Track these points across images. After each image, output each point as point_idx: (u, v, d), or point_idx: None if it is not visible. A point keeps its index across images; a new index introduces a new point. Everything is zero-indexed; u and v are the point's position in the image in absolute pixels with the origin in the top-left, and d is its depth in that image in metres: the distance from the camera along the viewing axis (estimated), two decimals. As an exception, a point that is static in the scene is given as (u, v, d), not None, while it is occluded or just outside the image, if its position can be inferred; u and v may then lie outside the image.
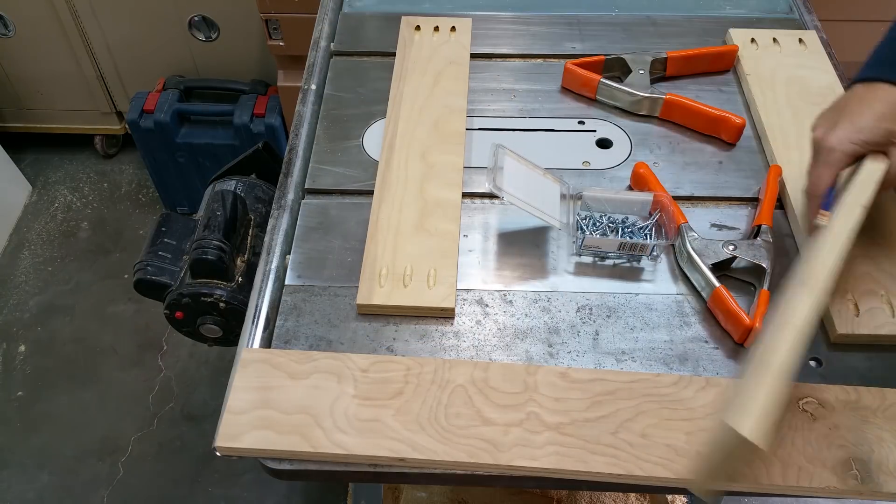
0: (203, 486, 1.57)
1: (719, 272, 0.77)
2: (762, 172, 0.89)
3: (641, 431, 0.65)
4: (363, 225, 0.82)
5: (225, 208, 0.88)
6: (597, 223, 0.81)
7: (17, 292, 1.91)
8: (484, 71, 1.03)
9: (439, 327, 0.75)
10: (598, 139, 0.94)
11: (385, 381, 0.68)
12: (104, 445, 1.63)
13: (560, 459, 0.63)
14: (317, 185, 0.88)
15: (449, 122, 0.92)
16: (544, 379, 0.68)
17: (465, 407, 0.66)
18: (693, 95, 0.98)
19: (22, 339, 1.82)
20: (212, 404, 1.70)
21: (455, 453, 0.63)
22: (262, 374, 0.68)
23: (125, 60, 1.93)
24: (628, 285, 0.78)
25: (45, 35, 1.87)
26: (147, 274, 0.89)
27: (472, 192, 0.87)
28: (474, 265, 0.80)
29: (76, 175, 2.19)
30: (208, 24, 1.81)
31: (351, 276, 0.78)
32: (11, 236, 2.03)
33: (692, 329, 0.74)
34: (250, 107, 1.79)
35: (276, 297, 0.77)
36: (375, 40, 1.06)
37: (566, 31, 1.08)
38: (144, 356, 1.78)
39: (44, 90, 2.02)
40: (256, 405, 0.66)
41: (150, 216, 2.08)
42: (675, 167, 0.90)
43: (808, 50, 1.02)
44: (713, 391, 0.68)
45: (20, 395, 1.71)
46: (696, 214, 0.85)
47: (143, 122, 1.79)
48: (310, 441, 0.64)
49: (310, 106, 0.95)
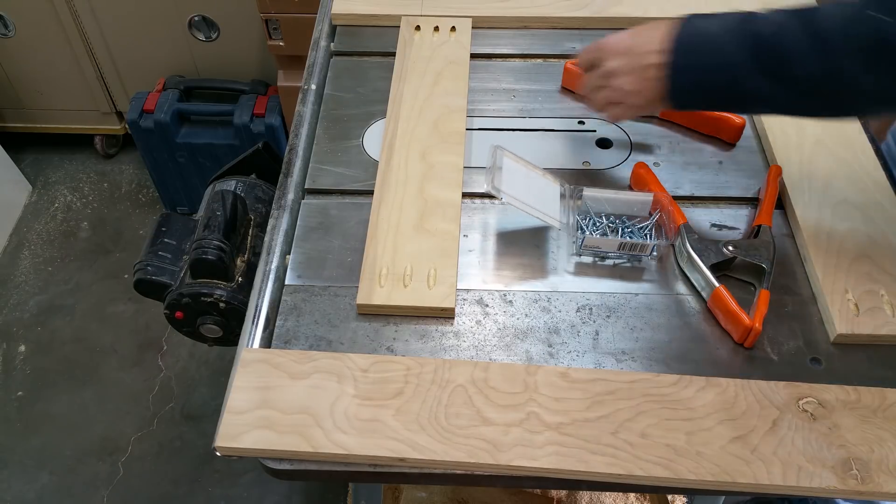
0: (203, 486, 1.57)
1: (719, 272, 0.77)
2: (762, 172, 0.89)
3: (641, 431, 0.65)
4: (363, 225, 0.82)
5: (225, 208, 0.88)
6: (597, 223, 0.81)
7: (17, 292, 1.91)
8: (484, 71, 1.03)
9: (439, 327, 0.75)
10: (598, 139, 0.94)
11: (385, 381, 0.68)
12: (104, 445, 1.63)
13: (560, 459, 0.63)
14: (317, 185, 0.88)
15: (449, 122, 0.92)
16: (544, 379, 0.68)
17: (465, 407, 0.66)
18: (693, 95, 0.98)
19: (22, 339, 1.82)
20: (212, 404, 1.70)
21: (455, 453, 0.63)
22: (262, 374, 0.68)
23: (125, 60, 1.93)
24: (628, 285, 0.78)
25: (45, 35, 1.86)
26: (147, 274, 0.89)
27: (471, 192, 0.87)
28: (474, 265, 0.80)
29: (76, 175, 2.19)
30: (208, 24, 1.81)
31: (351, 276, 0.78)
32: (11, 236, 2.03)
33: (692, 329, 0.74)
34: (250, 107, 1.79)
35: (276, 297, 0.77)
36: (375, 40, 1.06)
37: (566, 31, 1.08)
38: (144, 356, 1.78)
39: (44, 90, 2.02)
40: (256, 405, 0.66)
41: (150, 216, 2.08)
42: (675, 167, 0.90)
43: (808, 50, 1.01)
44: (713, 391, 0.68)
45: (20, 395, 1.71)
46: (696, 214, 0.85)
47: (143, 122, 1.79)
48: (310, 441, 0.64)
49: (310, 106, 0.95)
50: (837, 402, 0.67)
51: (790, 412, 0.66)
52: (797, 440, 0.65)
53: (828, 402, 0.67)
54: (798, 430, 0.65)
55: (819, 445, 0.64)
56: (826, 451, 0.64)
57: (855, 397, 0.67)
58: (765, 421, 0.66)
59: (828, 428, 0.65)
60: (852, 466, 0.63)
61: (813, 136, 0.90)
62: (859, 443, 0.64)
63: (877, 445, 0.64)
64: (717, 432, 0.65)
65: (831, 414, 0.66)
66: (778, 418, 0.66)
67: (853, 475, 0.63)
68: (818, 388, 0.68)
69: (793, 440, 0.64)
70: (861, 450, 0.64)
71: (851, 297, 0.74)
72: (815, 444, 0.64)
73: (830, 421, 0.66)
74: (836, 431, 0.65)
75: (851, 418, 0.66)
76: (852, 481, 0.62)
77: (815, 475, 0.62)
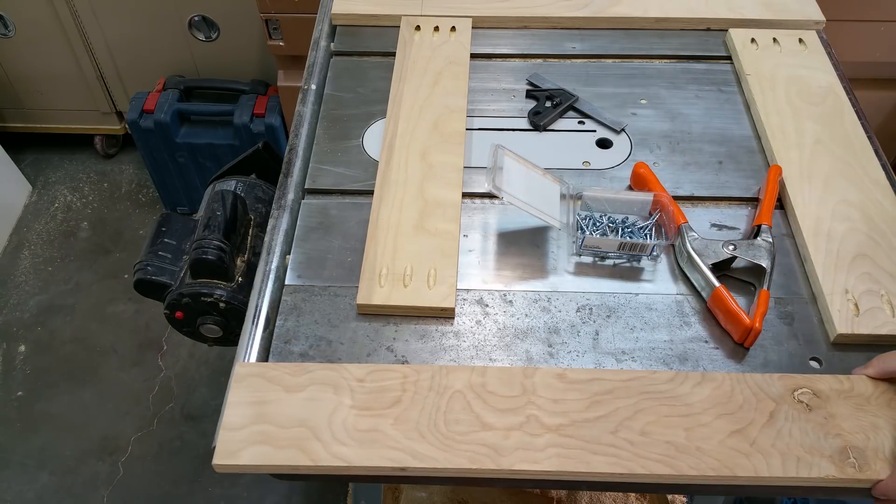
0: (203, 486, 1.57)
1: (719, 272, 0.77)
2: (762, 172, 0.89)
3: (641, 429, 0.65)
4: (363, 225, 0.82)
5: (225, 208, 0.88)
6: (597, 223, 0.81)
7: (17, 292, 1.91)
8: (484, 71, 1.03)
9: (439, 327, 0.75)
10: (598, 139, 0.94)
11: (382, 390, 0.67)
12: (104, 445, 1.63)
13: (561, 461, 0.63)
14: (317, 185, 0.88)
15: (449, 122, 0.92)
16: (542, 381, 0.68)
17: (465, 413, 0.66)
18: (692, 96, 0.98)
19: (22, 339, 1.82)
20: (212, 404, 1.70)
21: (456, 460, 0.63)
22: (257, 389, 0.67)
23: (125, 60, 1.93)
24: (628, 285, 0.78)
25: (45, 35, 1.87)
26: (147, 274, 0.89)
27: (472, 192, 0.87)
28: (474, 265, 0.80)
29: (76, 175, 2.19)
30: (208, 24, 1.81)
31: (351, 276, 0.78)
32: (11, 236, 2.03)
33: (692, 329, 0.75)
34: (250, 107, 1.79)
35: (276, 297, 0.77)
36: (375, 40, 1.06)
37: (566, 31, 1.08)
38: (144, 356, 1.78)
39: (44, 90, 2.02)
40: (253, 420, 0.65)
41: (150, 216, 2.08)
42: (675, 167, 0.90)
43: (808, 50, 1.02)
44: (709, 386, 0.68)
45: (20, 395, 1.71)
46: (696, 214, 0.85)
47: (143, 122, 1.79)
48: (309, 455, 0.63)
49: (310, 106, 0.95)
50: (832, 391, 0.68)
51: (786, 403, 0.67)
52: (794, 431, 0.65)
53: (822, 392, 0.67)
54: (795, 421, 0.66)
55: (816, 435, 0.65)
56: (823, 441, 0.64)
57: (848, 386, 0.68)
58: (762, 413, 0.66)
59: (823, 418, 0.66)
60: (849, 455, 0.63)
61: (813, 136, 0.90)
62: (855, 431, 0.65)
63: (872, 433, 0.65)
64: (715, 427, 0.65)
65: (826, 404, 0.67)
66: (775, 410, 0.66)
67: (851, 463, 0.63)
68: (812, 379, 0.68)
69: (790, 431, 0.65)
70: (857, 438, 0.65)
71: (851, 297, 0.74)
72: (812, 434, 0.65)
73: (826, 411, 0.66)
74: (831, 421, 0.66)
75: (846, 407, 0.66)
76: (850, 469, 0.63)
77: (813, 465, 0.63)
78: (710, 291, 0.75)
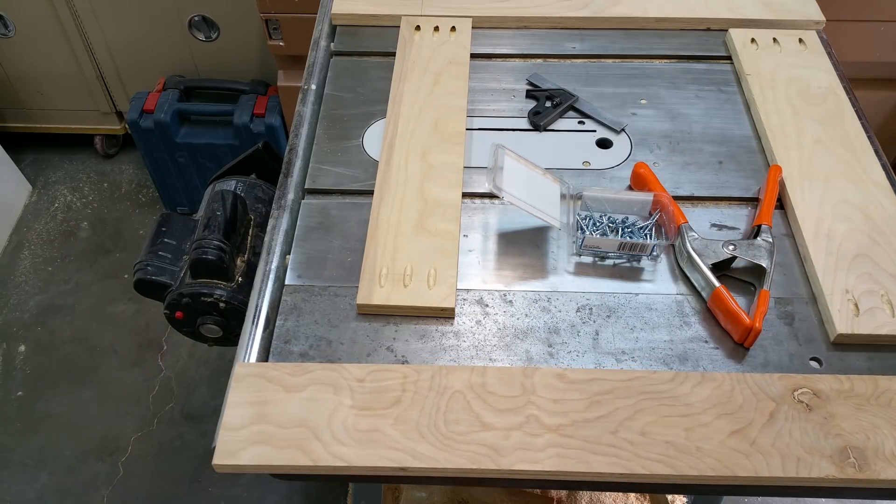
0: (203, 486, 1.57)
1: (719, 272, 0.77)
2: (762, 172, 0.89)
3: (641, 429, 0.65)
4: (363, 225, 0.82)
5: (225, 208, 0.88)
6: (597, 223, 0.81)
7: (17, 292, 1.91)
8: (484, 71, 1.03)
9: (439, 327, 0.75)
10: (598, 139, 0.94)
11: (382, 390, 0.67)
12: (104, 445, 1.63)
13: (562, 461, 0.63)
14: (317, 185, 0.88)
15: (449, 122, 0.92)
16: (542, 381, 0.68)
17: (464, 413, 0.66)
18: (692, 96, 0.98)
19: (22, 339, 1.82)
20: (212, 404, 1.70)
21: (456, 460, 0.63)
22: (257, 389, 0.68)
23: (125, 60, 1.93)
24: (628, 285, 0.78)
25: (45, 35, 1.86)
26: (147, 274, 0.89)
27: (472, 192, 0.87)
28: (474, 265, 0.80)
29: (76, 175, 2.19)
30: (208, 24, 1.81)
31: (351, 276, 0.78)
32: (11, 236, 2.03)
33: (692, 329, 0.74)
34: (250, 107, 1.79)
35: (276, 297, 0.77)
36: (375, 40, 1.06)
37: (566, 31, 1.08)
38: (144, 356, 1.78)
39: (44, 90, 2.02)
40: (252, 420, 0.65)
41: (150, 216, 2.08)
42: (675, 167, 0.90)
43: (808, 50, 1.02)
44: (709, 386, 0.68)
45: (20, 395, 1.71)
46: (696, 214, 0.85)
47: (143, 122, 1.79)
48: (309, 455, 0.63)
49: (310, 106, 0.95)
50: (832, 391, 0.68)
51: (786, 403, 0.67)
52: (794, 431, 0.65)
53: (822, 392, 0.67)
54: (795, 421, 0.66)
55: (816, 435, 0.65)
56: (823, 441, 0.64)
57: (848, 386, 0.68)
58: (762, 413, 0.66)
59: (823, 418, 0.66)
60: (849, 455, 0.63)
61: (813, 136, 0.90)
62: (855, 431, 0.65)
63: (872, 433, 0.65)
64: (715, 427, 0.65)
65: (826, 404, 0.67)
66: (774, 410, 0.66)
67: (851, 463, 0.63)
68: (812, 379, 0.68)
69: (790, 431, 0.65)
70: (857, 438, 0.65)
71: (851, 297, 0.74)
72: (812, 434, 0.65)
73: (826, 411, 0.66)
74: (831, 421, 0.66)
75: (846, 407, 0.66)
76: (850, 469, 0.63)
77: (813, 465, 0.63)
78: (710, 291, 0.75)
